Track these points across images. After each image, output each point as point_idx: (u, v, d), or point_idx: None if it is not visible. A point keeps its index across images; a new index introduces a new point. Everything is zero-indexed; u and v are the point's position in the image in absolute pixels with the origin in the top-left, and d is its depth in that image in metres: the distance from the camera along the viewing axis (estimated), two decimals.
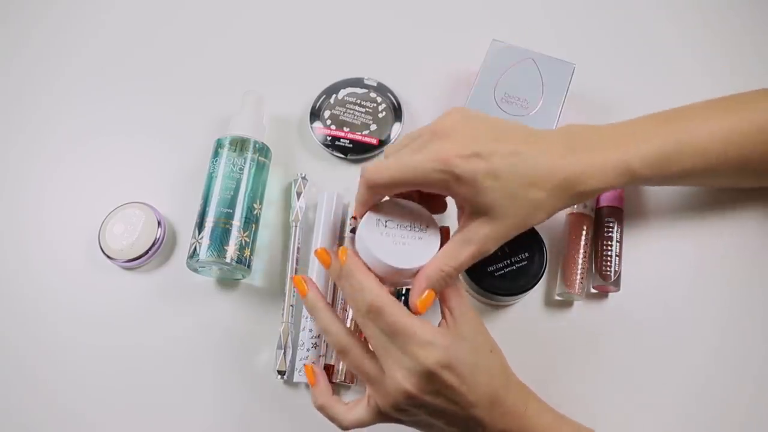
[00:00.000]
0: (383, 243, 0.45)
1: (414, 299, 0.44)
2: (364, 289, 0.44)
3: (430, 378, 0.42)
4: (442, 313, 0.46)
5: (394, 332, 0.43)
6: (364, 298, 0.43)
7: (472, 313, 0.46)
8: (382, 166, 0.44)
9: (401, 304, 0.44)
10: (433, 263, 0.45)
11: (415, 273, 0.45)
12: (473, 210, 0.45)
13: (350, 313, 0.55)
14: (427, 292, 0.44)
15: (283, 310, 0.56)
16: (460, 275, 0.56)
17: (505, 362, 0.47)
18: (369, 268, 0.45)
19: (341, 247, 0.46)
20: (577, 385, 0.54)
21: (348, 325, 0.54)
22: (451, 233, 0.47)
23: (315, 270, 0.56)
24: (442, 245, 0.46)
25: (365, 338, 0.45)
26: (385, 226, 0.46)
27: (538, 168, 0.45)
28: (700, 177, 0.52)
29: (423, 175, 0.43)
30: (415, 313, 0.44)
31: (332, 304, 0.56)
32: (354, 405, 0.47)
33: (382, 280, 0.45)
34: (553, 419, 0.47)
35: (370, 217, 0.46)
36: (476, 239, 0.44)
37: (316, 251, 0.47)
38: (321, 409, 0.48)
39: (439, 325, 0.46)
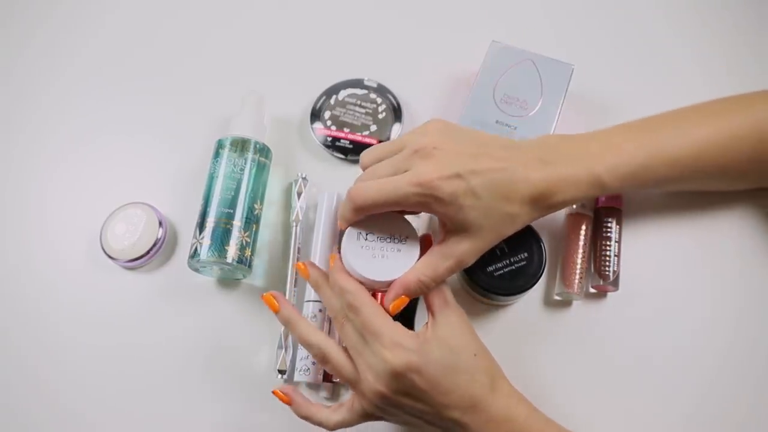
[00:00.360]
0: (363, 256, 0.47)
1: (387, 302, 0.47)
2: (345, 293, 0.46)
3: (397, 379, 0.44)
4: (428, 315, 0.47)
5: (366, 332, 0.45)
6: (345, 299, 0.46)
7: (455, 317, 0.47)
8: (363, 189, 0.46)
9: (379, 306, 0.46)
10: (412, 272, 0.47)
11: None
12: (453, 226, 0.46)
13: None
14: (402, 297, 0.46)
15: None
16: (458, 275, 0.56)
17: (492, 367, 0.47)
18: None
19: (331, 254, 0.49)
20: (575, 384, 0.54)
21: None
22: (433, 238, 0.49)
23: None
24: (423, 251, 0.48)
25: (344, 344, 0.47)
26: (365, 239, 0.48)
27: (513, 182, 0.46)
28: (674, 184, 0.53)
29: (405, 199, 0.45)
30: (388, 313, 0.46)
31: None
32: (338, 407, 0.49)
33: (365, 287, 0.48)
34: (544, 426, 0.47)
35: (351, 231, 0.48)
36: (456, 254, 0.46)
37: (296, 265, 0.51)
38: (306, 419, 0.49)
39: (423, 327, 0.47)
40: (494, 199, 0.45)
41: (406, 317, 0.55)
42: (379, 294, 0.55)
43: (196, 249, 0.55)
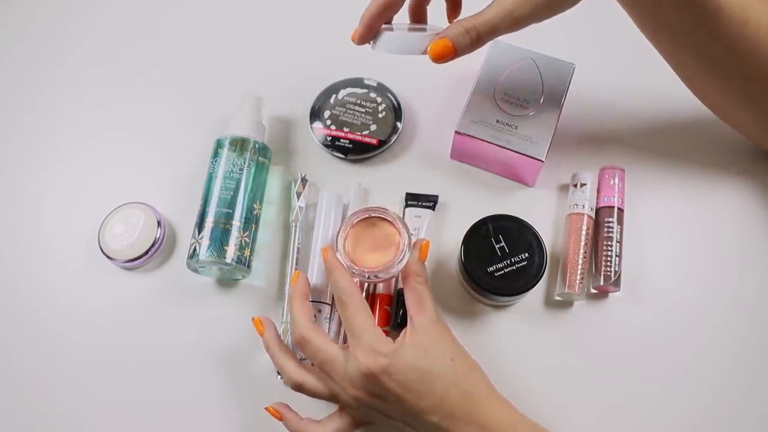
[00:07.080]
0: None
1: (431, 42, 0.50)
2: (337, 288, 0.48)
3: (369, 381, 0.45)
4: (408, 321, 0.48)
5: (349, 327, 0.47)
6: (336, 294, 0.48)
7: (432, 323, 0.47)
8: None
9: (367, 309, 0.47)
10: (457, 22, 0.49)
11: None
12: None
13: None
14: (441, 38, 0.49)
15: (283, 310, 0.56)
16: (458, 276, 0.56)
17: (471, 371, 0.47)
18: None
19: (323, 248, 0.50)
20: (576, 385, 0.54)
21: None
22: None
23: (315, 269, 0.56)
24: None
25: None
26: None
27: None
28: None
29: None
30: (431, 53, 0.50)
31: (332, 306, 0.56)
32: (327, 419, 0.49)
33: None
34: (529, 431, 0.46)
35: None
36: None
37: (295, 273, 0.53)
38: None
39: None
40: None
41: (405, 316, 0.55)
42: (379, 298, 0.56)
43: (194, 249, 0.55)
